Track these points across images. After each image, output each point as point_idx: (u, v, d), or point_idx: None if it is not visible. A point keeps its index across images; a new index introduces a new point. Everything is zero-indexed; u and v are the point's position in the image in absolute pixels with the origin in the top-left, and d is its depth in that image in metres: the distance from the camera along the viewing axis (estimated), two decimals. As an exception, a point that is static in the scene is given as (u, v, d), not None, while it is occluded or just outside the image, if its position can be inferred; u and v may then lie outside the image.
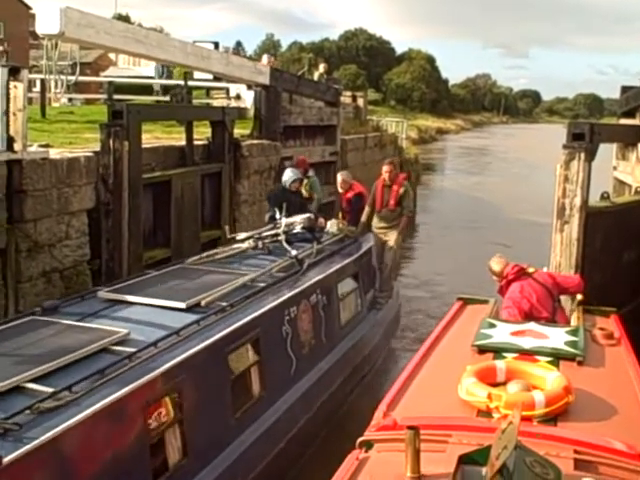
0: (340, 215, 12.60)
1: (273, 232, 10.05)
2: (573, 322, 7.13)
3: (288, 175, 11.38)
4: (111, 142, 10.31)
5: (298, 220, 10.36)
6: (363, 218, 11.97)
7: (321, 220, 11.36)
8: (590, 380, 5.24)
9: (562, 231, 9.11)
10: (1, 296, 8.55)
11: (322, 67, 25.56)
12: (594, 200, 9.97)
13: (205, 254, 9.26)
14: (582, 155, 9.01)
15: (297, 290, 8.56)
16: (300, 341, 8.40)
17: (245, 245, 9.81)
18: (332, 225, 11.51)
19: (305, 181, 12.57)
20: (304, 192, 12.36)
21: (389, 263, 11.96)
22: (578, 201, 9.06)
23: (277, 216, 10.52)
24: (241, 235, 10.34)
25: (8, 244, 8.59)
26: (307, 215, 10.48)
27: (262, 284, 8.16)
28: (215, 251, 9.45)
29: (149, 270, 8.65)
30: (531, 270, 7.50)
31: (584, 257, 9.13)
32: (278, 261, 9.08)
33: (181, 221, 11.86)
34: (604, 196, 10.32)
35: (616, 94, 16.32)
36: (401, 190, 11.72)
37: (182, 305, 6.97)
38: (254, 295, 7.80)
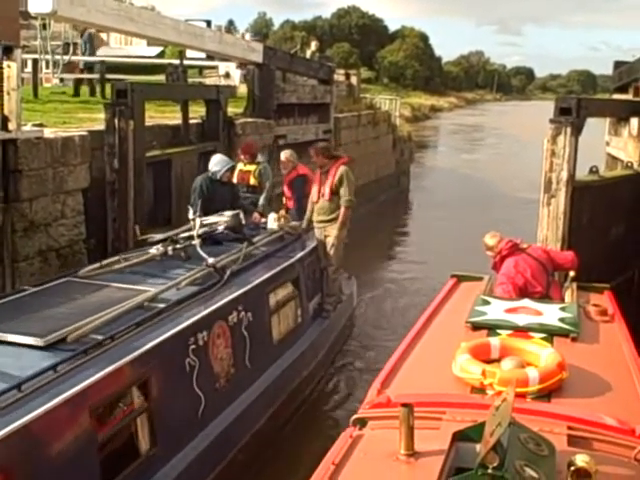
0: (284, 205, 11.19)
1: (188, 234, 8.45)
2: (567, 298, 7.17)
3: (217, 163, 9.97)
4: (116, 121, 10.27)
5: (221, 219, 8.81)
6: (307, 211, 10.39)
7: (256, 215, 10.16)
8: (584, 356, 5.29)
9: (549, 205, 9.17)
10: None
11: (314, 45, 25.48)
12: (583, 175, 10.03)
13: (106, 261, 7.75)
14: (568, 129, 9.04)
15: (210, 309, 6.91)
16: (212, 374, 6.75)
17: (155, 250, 8.15)
18: (271, 221, 10.05)
19: (254, 167, 11.31)
20: (252, 180, 11.19)
21: (334, 263, 10.33)
22: (565, 175, 9.11)
23: (190, 214, 8.76)
24: (156, 236, 8.74)
25: (4, 223, 8.58)
26: (234, 212, 8.93)
27: (163, 304, 6.54)
28: (117, 258, 7.92)
29: (26, 287, 6.97)
30: (524, 245, 7.55)
31: (571, 231, 9.21)
32: (192, 271, 7.51)
33: (181, 200, 11.63)
34: (593, 170, 10.39)
35: (609, 70, 16.32)
36: (336, 178, 9.97)
37: (39, 342, 5.31)
38: (149, 320, 6.16)
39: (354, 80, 27.51)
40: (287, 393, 8.37)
